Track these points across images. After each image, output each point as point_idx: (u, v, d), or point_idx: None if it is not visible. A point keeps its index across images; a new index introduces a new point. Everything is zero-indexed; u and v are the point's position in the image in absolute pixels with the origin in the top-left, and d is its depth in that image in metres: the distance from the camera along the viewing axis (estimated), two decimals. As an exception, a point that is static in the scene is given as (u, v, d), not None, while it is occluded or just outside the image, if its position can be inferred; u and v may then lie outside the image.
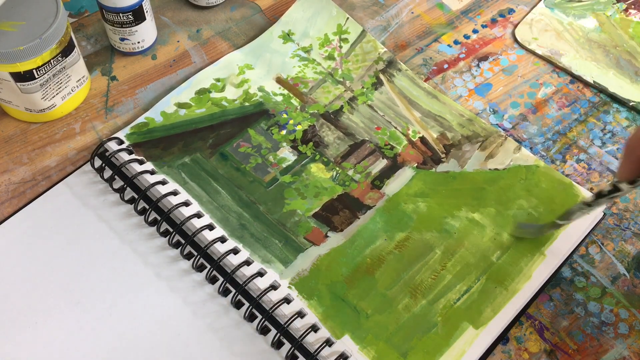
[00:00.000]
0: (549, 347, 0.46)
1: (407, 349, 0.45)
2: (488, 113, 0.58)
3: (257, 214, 0.50)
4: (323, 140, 0.55)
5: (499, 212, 0.51)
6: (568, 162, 0.55)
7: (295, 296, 0.46)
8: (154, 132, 0.54)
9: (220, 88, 0.57)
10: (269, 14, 0.65)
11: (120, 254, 0.48)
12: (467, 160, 0.54)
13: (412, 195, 0.52)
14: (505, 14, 0.66)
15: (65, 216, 0.50)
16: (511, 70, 0.61)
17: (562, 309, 0.48)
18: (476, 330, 0.45)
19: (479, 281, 0.48)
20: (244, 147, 0.54)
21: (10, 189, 0.52)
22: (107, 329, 0.45)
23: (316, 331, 0.45)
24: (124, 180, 0.51)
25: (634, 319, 0.47)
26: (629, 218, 0.52)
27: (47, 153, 0.54)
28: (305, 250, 0.49)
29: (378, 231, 0.50)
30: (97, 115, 0.56)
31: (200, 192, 0.51)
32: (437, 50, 0.62)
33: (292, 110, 0.57)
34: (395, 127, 0.56)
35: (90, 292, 0.47)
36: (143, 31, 0.58)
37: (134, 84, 0.59)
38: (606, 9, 0.66)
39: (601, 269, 0.50)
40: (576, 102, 0.59)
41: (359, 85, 0.59)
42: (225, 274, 0.47)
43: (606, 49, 0.62)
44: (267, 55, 0.60)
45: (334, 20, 0.62)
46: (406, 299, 0.47)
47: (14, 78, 0.50)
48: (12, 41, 0.48)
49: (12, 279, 0.47)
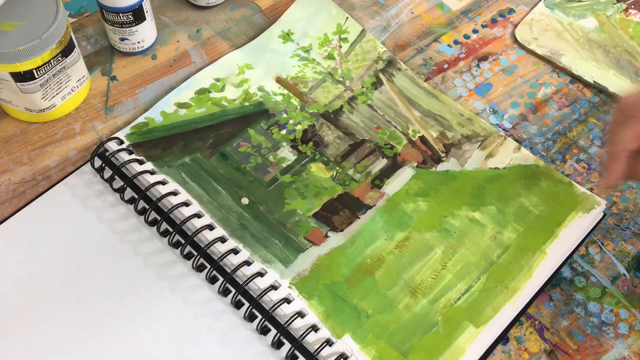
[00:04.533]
0: (549, 347, 0.46)
1: (408, 348, 0.45)
2: (488, 113, 0.58)
3: (257, 214, 0.50)
4: (323, 139, 0.55)
5: (500, 211, 0.51)
6: (568, 162, 0.55)
7: (296, 296, 0.46)
8: (154, 132, 0.54)
9: (220, 88, 0.57)
10: (268, 14, 0.65)
11: (120, 254, 0.48)
12: (467, 159, 0.54)
13: (412, 194, 0.52)
14: (505, 14, 0.66)
15: (65, 216, 0.50)
16: (511, 70, 0.61)
17: (562, 309, 0.48)
18: (477, 329, 0.45)
19: (480, 280, 0.48)
20: (244, 146, 0.54)
21: (10, 189, 0.52)
22: (107, 329, 0.45)
23: (316, 331, 0.45)
24: (124, 180, 0.51)
25: (634, 319, 0.47)
26: (629, 218, 0.52)
27: (47, 153, 0.54)
28: (306, 250, 0.49)
29: (378, 231, 0.50)
30: (97, 115, 0.56)
31: (200, 192, 0.51)
32: (437, 50, 0.62)
33: (292, 109, 0.57)
34: (395, 127, 0.56)
35: (90, 292, 0.47)
36: (143, 31, 0.58)
37: (134, 84, 0.59)
38: (606, 9, 0.66)
39: (601, 269, 0.50)
40: (576, 102, 0.59)
41: (359, 84, 0.59)
42: (225, 274, 0.47)
43: (606, 49, 0.62)
44: (266, 55, 0.60)
45: (334, 19, 0.62)
46: (407, 299, 0.47)
47: (14, 78, 0.50)
48: (12, 41, 0.48)
49: (12, 279, 0.47)
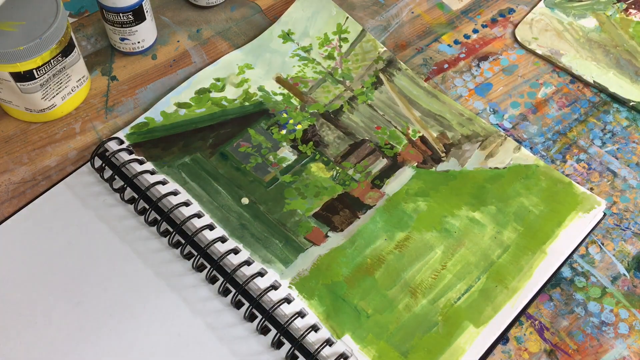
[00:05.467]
0: (549, 347, 0.46)
1: (408, 348, 0.45)
2: (488, 113, 0.58)
3: (258, 214, 0.50)
4: (323, 139, 0.55)
5: (500, 211, 0.51)
6: (568, 162, 0.55)
7: (296, 296, 0.46)
8: (154, 132, 0.54)
9: (220, 88, 0.57)
10: (269, 14, 0.65)
11: (120, 254, 0.48)
12: (467, 159, 0.54)
13: (413, 194, 0.52)
14: (506, 14, 0.66)
15: (65, 216, 0.50)
16: (511, 70, 0.61)
17: (562, 309, 0.48)
18: (477, 329, 0.45)
19: (480, 280, 0.48)
20: (244, 146, 0.54)
21: (10, 189, 0.52)
22: (107, 329, 0.45)
23: (316, 331, 0.45)
24: (124, 180, 0.51)
25: (634, 319, 0.47)
26: (629, 218, 0.52)
27: (47, 153, 0.54)
28: (306, 250, 0.49)
29: (378, 231, 0.50)
30: (97, 115, 0.56)
31: (201, 192, 0.51)
32: (437, 50, 0.62)
33: (292, 109, 0.57)
34: (395, 127, 0.56)
35: (90, 292, 0.47)
36: (143, 31, 0.58)
37: (134, 84, 0.59)
38: (606, 9, 0.66)
39: (601, 269, 0.50)
40: (576, 102, 0.59)
41: (359, 84, 0.59)
42: (225, 274, 0.47)
43: (606, 48, 0.62)
44: (267, 54, 0.60)
45: (334, 19, 0.62)
46: (407, 299, 0.47)
47: (14, 78, 0.50)
48: (12, 41, 0.48)
49: (12, 279, 0.47)
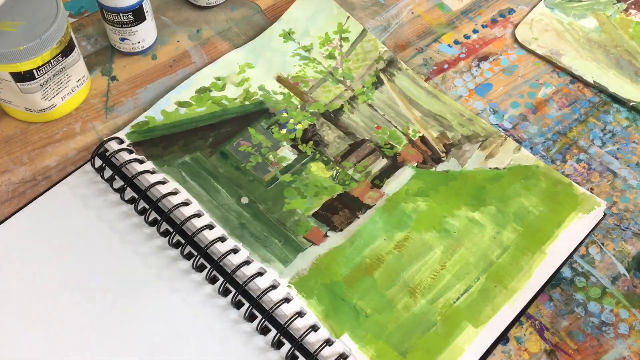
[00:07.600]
0: (549, 347, 0.46)
1: (407, 348, 0.45)
2: (488, 113, 0.58)
3: (257, 213, 0.50)
4: (323, 139, 0.55)
5: (499, 211, 0.51)
6: (568, 162, 0.55)
7: (295, 295, 0.46)
8: (155, 131, 0.54)
9: (221, 87, 0.57)
10: (269, 14, 0.65)
11: (120, 254, 0.48)
12: (467, 159, 0.54)
13: (412, 194, 0.52)
14: (506, 14, 0.66)
15: (65, 216, 0.50)
16: (511, 70, 0.61)
17: (562, 309, 0.48)
18: (476, 329, 0.45)
19: (479, 280, 0.48)
20: (244, 146, 0.54)
21: (10, 189, 0.52)
22: (107, 329, 0.45)
23: (316, 331, 0.45)
24: (124, 180, 0.51)
25: (634, 319, 0.47)
26: (629, 218, 0.52)
27: (47, 153, 0.54)
28: (305, 250, 0.49)
29: (378, 231, 0.50)
30: (97, 115, 0.56)
31: (200, 191, 0.51)
32: (437, 50, 0.62)
33: (293, 109, 0.57)
34: (395, 127, 0.56)
35: (90, 292, 0.47)
36: (143, 31, 0.58)
37: (134, 84, 0.59)
38: (606, 9, 0.66)
39: (601, 269, 0.50)
40: (576, 102, 0.59)
41: (360, 84, 0.59)
42: (225, 274, 0.47)
43: (606, 49, 0.62)
44: (267, 54, 0.60)
45: (335, 19, 0.62)
46: (405, 299, 0.47)
47: (14, 78, 0.50)
48: (12, 41, 0.48)
49: (12, 279, 0.47)
